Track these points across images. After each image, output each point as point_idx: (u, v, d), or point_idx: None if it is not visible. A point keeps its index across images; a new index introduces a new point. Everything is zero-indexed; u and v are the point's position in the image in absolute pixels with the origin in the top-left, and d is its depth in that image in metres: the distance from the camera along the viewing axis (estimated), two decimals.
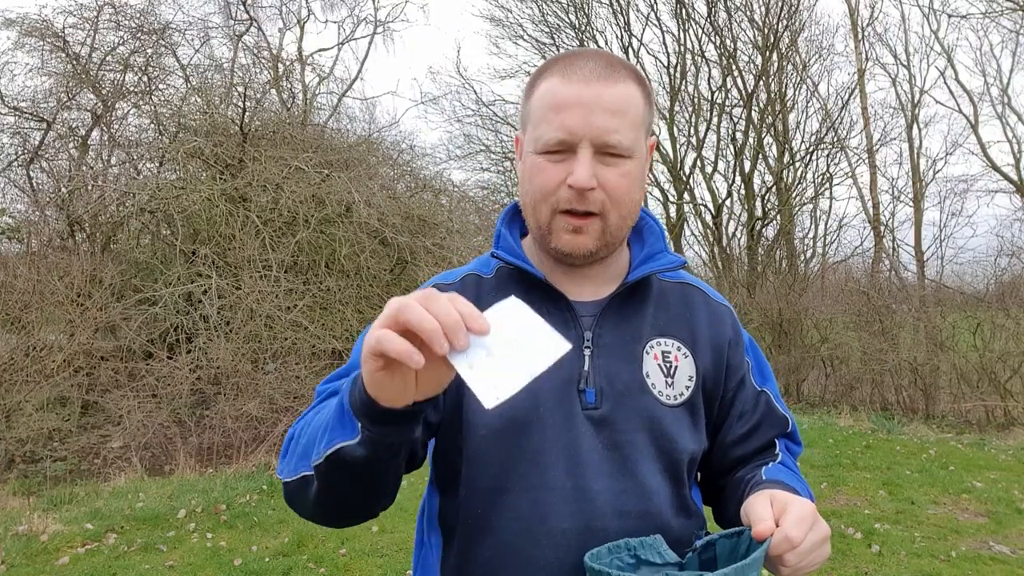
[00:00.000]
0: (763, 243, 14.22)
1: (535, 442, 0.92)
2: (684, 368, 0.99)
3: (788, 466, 1.03)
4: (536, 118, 0.93)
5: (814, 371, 10.34)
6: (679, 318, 1.03)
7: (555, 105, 0.91)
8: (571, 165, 0.90)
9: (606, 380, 0.95)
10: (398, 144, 11.84)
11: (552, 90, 0.92)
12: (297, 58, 13.44)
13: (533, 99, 0.95)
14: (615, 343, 0.97)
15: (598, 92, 0.90)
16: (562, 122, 0.90)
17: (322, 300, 7.89)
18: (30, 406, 6.21)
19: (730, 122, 14.66)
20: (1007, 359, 8.44)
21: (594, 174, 0.90)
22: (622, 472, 0.93)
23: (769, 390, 1.08)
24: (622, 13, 14.84)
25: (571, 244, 0.94)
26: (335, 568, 3.93)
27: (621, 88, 0.91)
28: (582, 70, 0.91)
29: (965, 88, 13.63)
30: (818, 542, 0.80)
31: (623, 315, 0.99)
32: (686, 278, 1.09)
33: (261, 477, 5.77)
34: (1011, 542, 4.26)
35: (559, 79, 0.92)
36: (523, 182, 0.97)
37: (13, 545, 4.12)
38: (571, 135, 0.89)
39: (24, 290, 6.78)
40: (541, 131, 0.92)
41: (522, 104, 0.99)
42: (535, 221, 0.96)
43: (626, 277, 1.01)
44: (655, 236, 1.06)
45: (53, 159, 9.80)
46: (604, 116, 0.89)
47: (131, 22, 9.81)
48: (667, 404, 0.97)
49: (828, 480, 5.63)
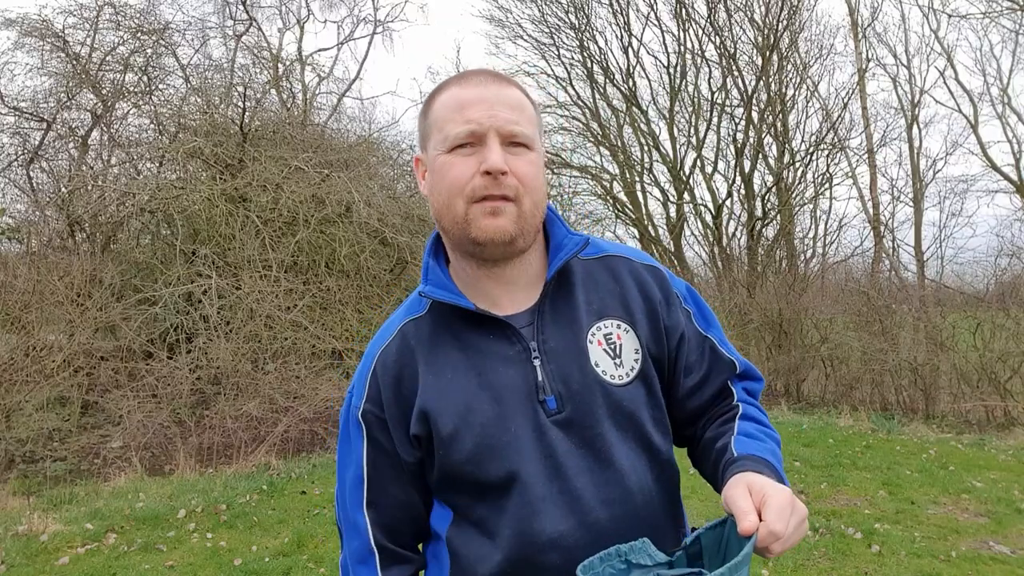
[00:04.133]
0: (763, 243, 14.21)
1: (513, 460, 0.96)
2: (628, 343, 1.03)
3: (753, 419, 1.06)
4: (440, 122, 0.98)
5: (814, 371, 10.33)
6: (611, 294, 1.06)
7: (458, 105, 0.97)
8: (481, 155, 0.95)
9: (562, 384, 0.99)
10: (398, 144, 11.86)
11: (453, 95, 0.99)
12: (297, 58, 13.44)
13: (434, 110, 1.01)
14: (559, 345, 1.00)
15: (496, 91, 0.98)
16: (468, 116, 0.95)
17: (322, 300, 7.89)
18: (30, 406, 6.21)
19: (730, 122, 14.66)
20: (1007, 359, 8.44)
21: (505, 160, 0.94)
22: (599, 464, 0.98)
23: (713, 336, 1.11)
24: (622, 13, 14.84)
25: (491, 228, 0.95)
26: (335, 568, 3.93)
27: (515, 91, 1.00)
28: (476, 77, 0.99)
29: (965, 88, 13.64)
30: (797, 525, 0.84)
31: (558, 313, 1.02)
32: (608, 249, 1.11)
33: (261, 477, 5.77)
34: (1011, 542, 4.26)
35: (457, 87, 0.99)
36: (435, 185, 1.00)
37: (13, 545, 4.12)
38: (479, 126, 0.95)
39: (24, 290, 6.78)
40: (447, 130, 0.97)
41: (420, 124, 1.05)
42: (451, 219, 0.98)
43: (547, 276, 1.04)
44: (555, 225, 1.08)
45: (53, 159, 9.82)
46: (506, 110, 0.96)
47: (131, 22, 9.83)
48: (621, 384, 1.01)
49: (828, 480, 5.62)
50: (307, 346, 7.39)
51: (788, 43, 14.08)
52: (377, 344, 1.07)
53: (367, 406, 1.03)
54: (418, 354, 1.01)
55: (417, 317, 1.05)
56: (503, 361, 0.99)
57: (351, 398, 1.06)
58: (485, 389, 0.97)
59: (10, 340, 6.46)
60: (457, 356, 1.00)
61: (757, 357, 10.72)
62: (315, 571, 3.91)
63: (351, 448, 1.04)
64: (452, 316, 1.02)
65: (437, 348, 1.01)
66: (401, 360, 1.02)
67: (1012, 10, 12.22)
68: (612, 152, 15.35)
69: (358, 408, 1.03)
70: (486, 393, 0.97)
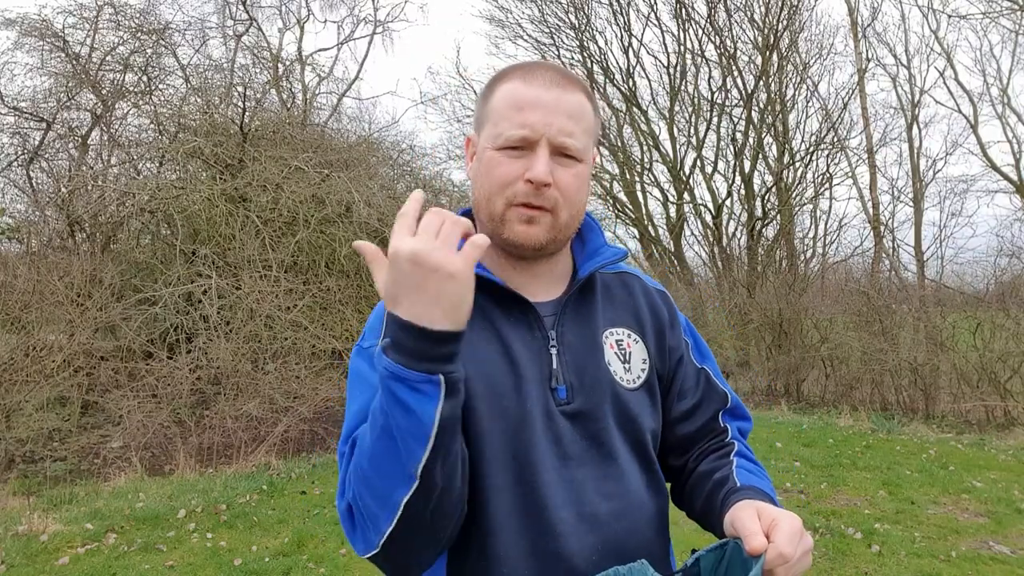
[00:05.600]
0: (763, 243, 14.22)
1: (526, 439, 0.96)
2: (637, 353, 1.06)
3: (749, 459, 1.08)
4: (496, 116, 0.98)
5: (814, 371, 10.33)
6: (624, 305, 1.10)
7: (517, 105, 0.96)
8: (529, 162, 0.95)
9: (575, 375, 1.00)
10: (398, 144, 11.86)
11: (514, 91, 0.97)
12: (297, 58, 13.44)
13: (493, 99, 0.99)
14: (577, 339, 1.03)
15: (557, 96, 0.96)
16: (524, 120, 0.94)
17: (322, 300, 7.89)
18: (30, 406, 6.21)
19: (730, 122, 14.67)
20: (1007, 359, 8.44)
21: (550, 171, 0.94)
22: (601, 458, 0.99)
23: (709, 367, 1.14)
24: (622, 13, 14.85)
25: (524, 235, 0.97)
26: (335, 568, 3.93)
27: (577, 97, 0.98)
28: (542, 77, 0.97)
29: (965, 88, 13.66)
30: (804, 554, 0.85)
31: (579, 311, 1.05)
32: (623, 268, 1.15)
33: (261, 477, 5.77)
34: (1011, 542, 4.26)
35: (520, 82, 0.97)
36: (479, 176, 1.00)
37: (13, 545, 4.12)
38: (532, 132, 0.94)
39: (24, 290, 6.78)
40: (502, 128, 0.96)
41: (479, 106, 1.04)
42: (488, 213, 0.99)
43: (575, 275, 1.06)
44: (594, 232, 1.12)
45: (53, 159, 9.83)
46: (563, 119, 0.95)
47: (131, 22, 9.83)
48: (629, 388, 1.04)
49: (828, 480, 5.62)
50: (307, 346, 7.38)
51: (788, 43, 14.10)
52: None
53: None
54: None
55: None
56: (522, 343, 1.00)
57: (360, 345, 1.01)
58: (507, 362, 0.98)
59: (10, 340, 6.46)
60: (482, 322, 0.99)
61: (757, 357, 10.73)
62: (315, 571, 3.91)
63: (363, 383, 0.97)
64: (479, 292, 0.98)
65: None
66: None
67: (1012, 10, 12.22)
68: (612, 152, 15.35)
69: (374, 345, 0.96)
70: (508, 365, 0.98)
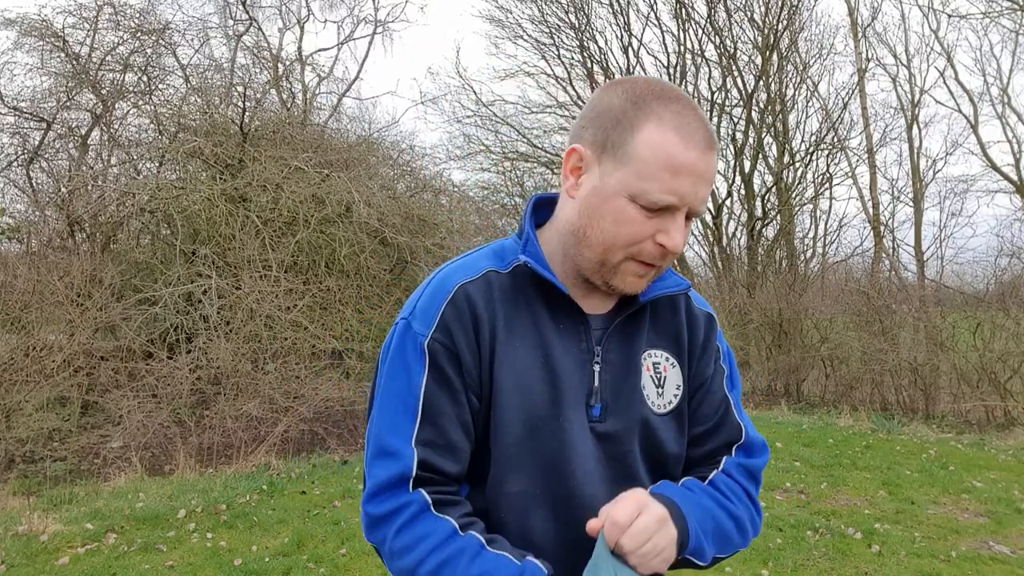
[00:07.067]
0: (763, 243, 14.22)
1: (555, 451, 0.97)
2: (672, 378, 1.06)
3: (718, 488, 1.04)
4: (643, 168, 0.91)
5: (814, 371, 10.33)
6: (667, 329, 1.08)
7: (672, 168, 0.90)
8: (662, 223, 0.93)
9: (611, 396, 1.01)
10: (398, 144, 11.88)
11: (669, 148, 0.90)
12: (297, 58, 13.45)
13: (639, 143, 0.91)
14: (619, 359, 1.03)
15: (707, 164, 0.92)
16: (676, 188, 0.90)
17: (322, 300, 7.89)
18: (30, 406, 6.21)
19: (730, 122, 14.67)
20: (1007, 359, 8.44)
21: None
22: (623, 478, 1.00)
23: (732, 398, 1.13)
24: (622, 13, 14.85)
25: (632, 286, 0.98)
26: (335, 568, 3.93)
27: (715, 159, 0.95)
28: (696, 135, 0.91)
29: (965, 88, 13.65)
30: (653, 523, 0.85)
31: (627, 332, 1.04)
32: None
33: (261, 477, 5.77)
34: (1011, 542, 4.26)
35: (675, 136, 0.90)
36: (600, 218, 0.94)
37: (13, 545, 4.12)
38: (680, 201, 0.91)
39: (24, 290, 6.78)
40: (649, 187, 0.90)
41: (613, 130, 0.93)
42: (600, 258, 0.96)
43: (638, 296, 1.03)
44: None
45: (53, 159, 9.82)
46: (706, 189, 0.94)
47: (131, 22, 9.82)
48: (659, 413, 1.04)
49: (828, 480, 5.62)
50: (307, 346, 7.38)
51: (788, 43, 14.09)
52: (460, 275, 1.00)
53: (436, 335, 0.96)
54: (499, 307, 0.99)
55: (499, 271, 1.02)
56: (566, 354, 0.99)
57: (409, 323, 0.98)
58: (547, 372, 0.98)
59: (10, 340, 6.46)
60: (529, 326, 0.99)
61: (757, 357, 10.72)
62: (315, 571, 3.90)
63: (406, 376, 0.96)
64: (535, 290, 1.00)
65: (515, 311, 0.99)
66: (485, 303, 0.98)
67: (1012, 10, 12.22)
68: None
69: (423, 336, 0.96)
70: (547, 376, 0.98)
